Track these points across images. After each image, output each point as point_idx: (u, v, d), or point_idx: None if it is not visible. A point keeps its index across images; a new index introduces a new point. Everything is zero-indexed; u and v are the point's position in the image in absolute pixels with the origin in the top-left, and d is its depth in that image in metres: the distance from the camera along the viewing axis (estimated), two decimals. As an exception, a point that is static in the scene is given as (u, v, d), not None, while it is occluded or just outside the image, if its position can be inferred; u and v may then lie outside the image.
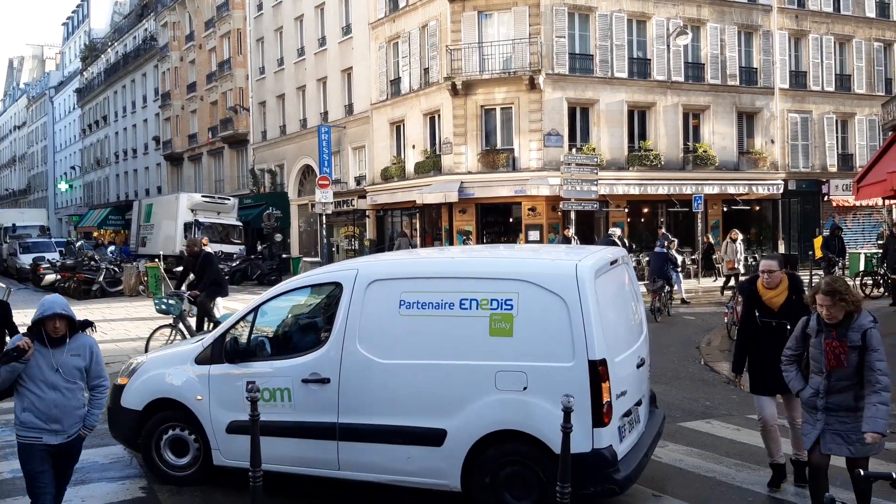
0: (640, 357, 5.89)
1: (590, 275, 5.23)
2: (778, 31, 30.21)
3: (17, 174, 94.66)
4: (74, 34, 77.61)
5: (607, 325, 5.28)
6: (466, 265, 5.97)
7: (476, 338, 5.23)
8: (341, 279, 5.88)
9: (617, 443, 5.18)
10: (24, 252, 33.86)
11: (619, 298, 5.95)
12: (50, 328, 4.81)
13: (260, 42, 40.36)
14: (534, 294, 5.22)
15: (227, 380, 6.07)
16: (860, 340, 4.82)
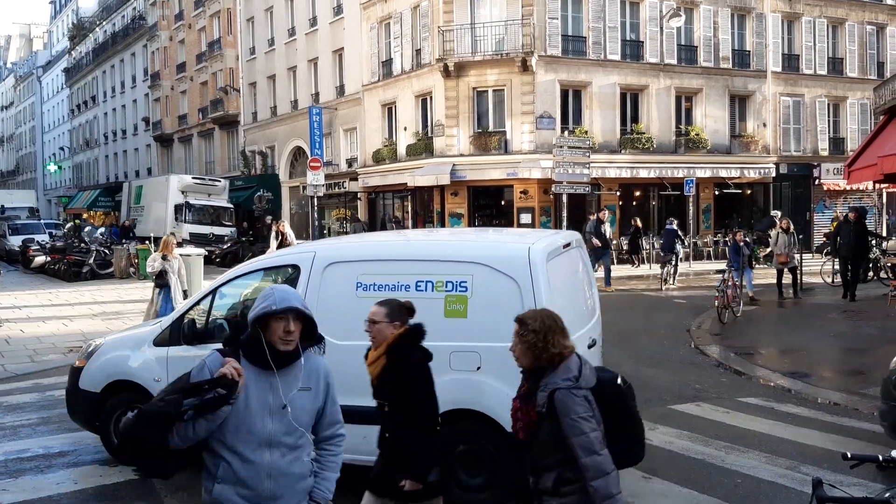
0: (592, 338, 6.02)
1: (542, 257, 5.36)
2: (771, 14, 30.13)
3: (5, 155, 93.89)
4: (62, 13, 76.73)
5: (558, 306, 5.25)
6: (423, 248, 6.11)
7: (431, 319, 5.17)
8: (299, 261, 5.96)
9: None
10: (14, 234, 33.67)
11: (571, 281, 6.11)
12: (279, 335, 3.01)
13: (250, 22, 39.98)
14: (488, 276, 5.34)
15: (186, 361, 6.03)
16: (545, 405, 3.39)
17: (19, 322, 14.24)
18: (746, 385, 9.43)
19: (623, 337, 12.35)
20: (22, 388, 9.20)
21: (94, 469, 6.41)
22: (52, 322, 14.30)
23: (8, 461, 6.51)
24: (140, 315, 14.80)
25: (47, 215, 61.49)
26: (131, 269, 23.45)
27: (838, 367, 10.64)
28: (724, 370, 10.29)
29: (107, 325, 13.68)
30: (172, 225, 30.25)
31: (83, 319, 14.62)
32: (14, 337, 12.71)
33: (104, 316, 15.07)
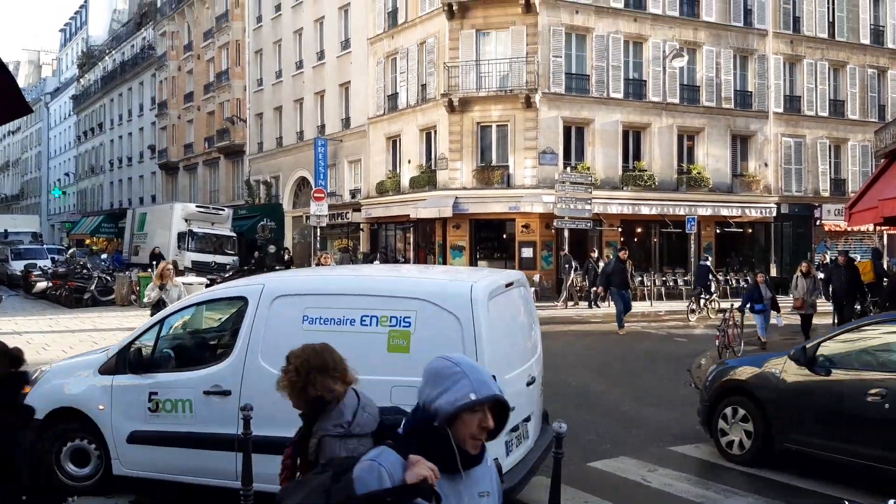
0: (531, 375, 6.11)
1: (483, 295, 5.47)
2: (773, 56, 30.49)
3: (10, 179, 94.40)
4: (72, 41, 77.68)
5: (498, 343, 5.56)
6: (369, 283, 6.22)
7: (375, 353, 5.41)
8: (247, 294, 6.04)
9: (503, 456, 5.35)
10: (16, 258, 33.75)
11: (513, 319, 6.22)
12: (471, 431, 2.38)
13: (258, 54, 40.49)
14: (431, 312, 5.44)
15: (130, 390, 6.19)
16: (315, 453, 3.03)
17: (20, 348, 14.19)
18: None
19: (623, 375, 12.34)
20: (20, 415, 9.15)
21: (91, 500, 6.38)
22: (54, 348, 14.29)
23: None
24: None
25: (50, 240, 61.63)
26: (132, 297, 23.46)
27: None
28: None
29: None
30: (175, 253, 30.31)
31: (84, 346, 14.60)
32: (14, 363, 12.66)
33: (105, 343, 15.04)
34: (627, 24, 27.75)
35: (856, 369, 6.97)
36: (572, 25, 26.88)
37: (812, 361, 7.14)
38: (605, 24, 27.34)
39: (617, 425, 8.97)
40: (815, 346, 7.33)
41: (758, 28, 30.15)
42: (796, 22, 31.19)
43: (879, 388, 6.43)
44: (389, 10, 30.56)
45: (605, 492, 6.64)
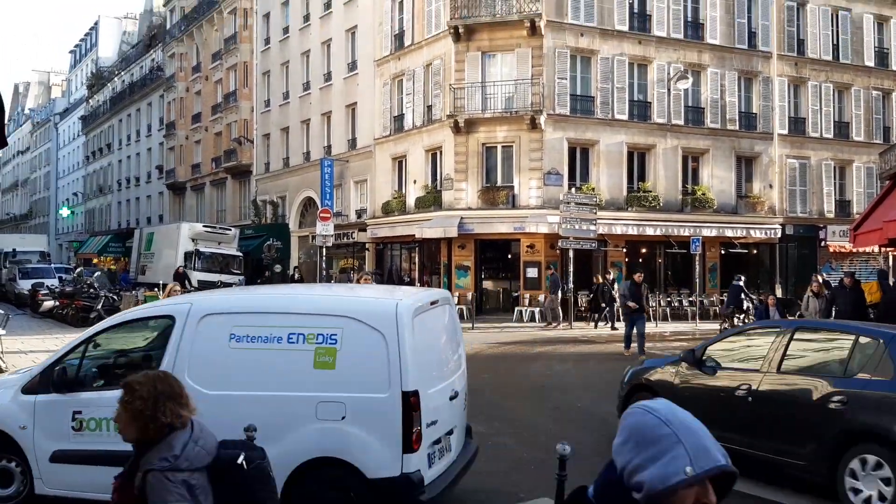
0: (455, 390, 6.27)
1: (408, 312, 5.63)
2: (777, 78, 30.65)
3: (19, 199, 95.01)
4: (82, 62, 78.49)
5: (422, 359, 5.70)
6: (297, 301, 6.35)
7: (301, 370, 5.53)
8: (174, 312, 6.08)
9: (426, 468, 5.54)
10: (24, 277, 33.86)
11: (437, 336, 6.40)
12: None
13: (266, 75, 40.87)
14: (357, 329, 5.58)
15: (53, 409, 6.15)
16: (140, 488, 2.89)
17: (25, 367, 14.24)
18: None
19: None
20: (27, 434, 9.18)
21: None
22: (59, 368, 14.32)
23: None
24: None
25: (58, 260, 61.90)
26: (139, 316, 23.53)
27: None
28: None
29: (113, 372, 13.71)
30: (181, 272, 30.43)
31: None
32: (20, 382, 12.71)
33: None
34: (632, 46, 27.96)
35: (732, 369, 7.97)
36: (577, 48, 27.10)
37: (700, 363, 8.11)
38: (610, 46, 27.56)
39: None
40: (703, 350, 8.29)
41: (762, 50, 30.34)
42: (800, 44, 31.39)
43: (746, 384, 7.46)
44: (396, 33, 30.87)
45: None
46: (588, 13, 27.26)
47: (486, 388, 12.45)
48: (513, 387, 12.82)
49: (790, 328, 7.92)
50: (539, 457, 8.23)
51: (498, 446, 8.76)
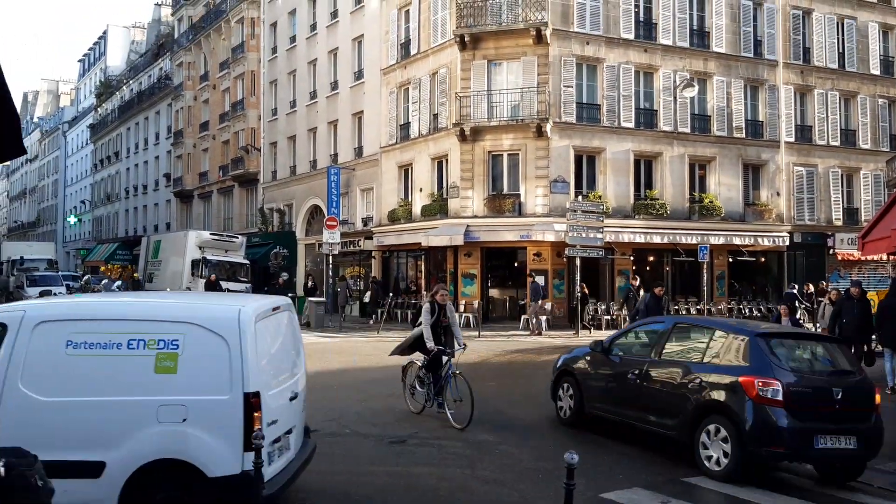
0: (294, 392, 6.59)
1: (250, 318, 5.87)
2: (784, 86, 30.64)
3: (28, 207, 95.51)
4: (90, 71, 78.98)
5: (263, 362, 5.99)
6: (138, 308, 6.50)
7: (141, 375, 5.66)
8: (6, 320, 6.05)
9: (266, 465, 5.71)
10: (31, 285, 34.06)
11: (278, 340, 6.66)
12: None
13: (273, 84, 41.05)
14: (199, 335, 5.76)
15: None
16: None
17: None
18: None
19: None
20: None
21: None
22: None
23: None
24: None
25: (65, 267, 62.17)
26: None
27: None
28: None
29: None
30: (189, 280, 30.52)
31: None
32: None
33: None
34: (638, 54, 28.00)
35: (630, 357, 9.56)
36: (583, 56, 27.14)
37: (608, 352, 9.86)
38: (616, 54, 27.60)
39: (631, 456, 8.94)
40: (611, 342, 10.01)
41: (768, 59, 30.34)
42: (806, 52, 31.39)
43: (635, 369, 9.16)
44: (402, 42, 30.98)
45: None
46: (594, 21, 27.32)
47: (491, 397, 12.43)
48: (519, 395, 12.80)
49: (671, 323, 9.68)
50: (546, 466, 8.21)
51: (505, 455, 8.75)
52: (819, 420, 7.75)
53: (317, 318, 25.93)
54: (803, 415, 7.69)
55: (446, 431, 9.86)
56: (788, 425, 7.59)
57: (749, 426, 7.67)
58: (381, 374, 14.68)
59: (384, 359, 17.26)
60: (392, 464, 8.32)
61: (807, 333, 11.06)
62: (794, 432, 7.60)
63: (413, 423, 10.33)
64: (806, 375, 8.10)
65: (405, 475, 7.86)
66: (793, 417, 7.63)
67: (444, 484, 7.57)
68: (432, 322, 10.46)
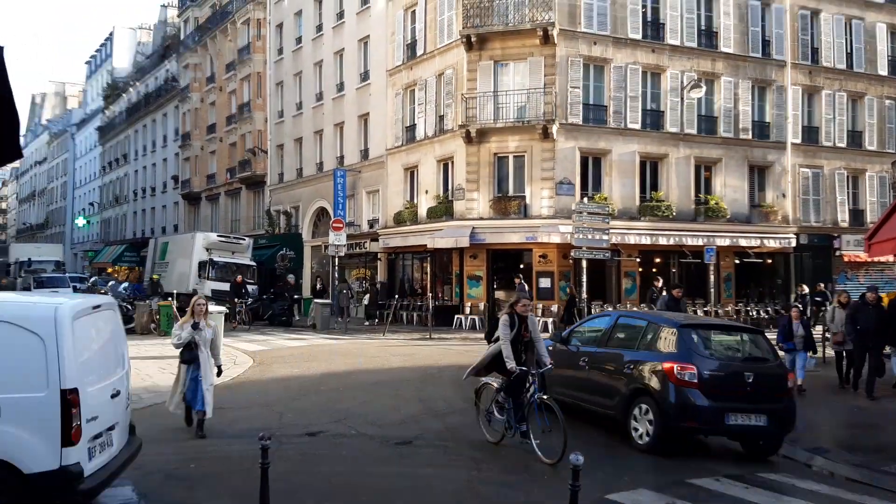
0: (116, 389, 6.65)
1: (67, 316, 5.92)
2: (791, 87, 30.55)
3: (36, 209, 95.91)
4: (97, 73, 79.29)
5: (82, 359, 6.06)
6: None
7: None
8: None
9: (86, 461, 5.85)
10: (39, 287, 34.10)
11: (99, 338, 6.72)
12: None
13: (279, 86, 41.13)
14: (13, 333, 5.78)
15: None
16: None
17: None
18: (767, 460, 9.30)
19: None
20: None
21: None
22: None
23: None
24: (160, 373, 14.92)
25: (73, 269, 62.40)
26: (152, 325, 23.68)
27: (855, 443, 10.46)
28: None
29: (127, 381, 13.77)
30: (196, 282, 30.61)
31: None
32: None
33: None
34: (645, 55, 27.95)
35: (583, 346, 10.89)
36: (590, 56, 27.11)
37: (567, 342, 11.16)
38: (623, 55, 27.56)
39: (637, 457, 8.92)
40: (570, 332, 11.48)
41: (776, 59, 30.26)
42: (814, 53, 31.30)
43: (585, 357, 10.58)
44: (408, 43, 31.01)
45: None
46: (601, 22, 27.28)
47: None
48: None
49: (615, 317, 11.16)
50: (552, 467, 8.20)
51: (510, 456, 8.75)
52: (731, 400, 8.91)
53: (322, 320, 25.96)
54: (716, 395, 8.85)
55: (452, 433, 9.86)
56: (702, 404, 8.80)
57: (669, 405, 8.91)
58: (387, 376, 14.71)
59: (390, 361, 17.32)
60: (398, 465, 8.32)
61: (729, 325, 11.93)
62: (708, 410, 8.80)
63: (419, 425, 10.33)
64: (721, 361, 9.30)
65: (411, 476, 7.87)
66: (707, 397, 8.81)
67: (450, 485, 7.57)
68: (512, 337, 8.91)
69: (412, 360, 17.59)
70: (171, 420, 10.62)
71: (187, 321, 9.84)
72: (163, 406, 11.75)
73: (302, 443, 9.21)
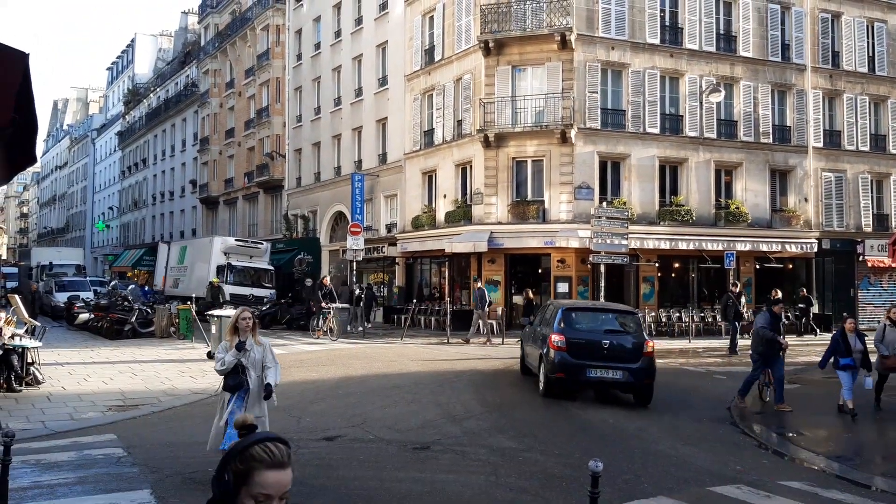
0: None
1: None
2: (812, 91, 30.25)
3: (57, 213, 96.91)
4: (118, 79, 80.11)
5: None
6: None
7: None
8: None
9: None
10: (60, 290, 34.43)
11: None
12: None
13: (298, 91, 41.31)
14: None
15: None
16: None
17: (61, 379, 14.48)
18: (789, 468, 9.17)
19: (661, 413, 12.15)
20: (60, 445, 9.31)
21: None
22: (93, 380, 14.52)
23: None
24: (180, 376, 14.97)
25: (93, 273, 62.94)
26: (172, 329, 23.80)
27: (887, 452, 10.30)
28: (765, 451, 10.03)
29: (146, 385, 13.86)
30: (214, 286, 30.70)
31: (123, 377, 14.85)
32: (55, 394, 12.91)
33: (143, 374, 15.28)
34: (664, 59, 27.80)
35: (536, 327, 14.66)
36: (608, 61, 27.00)
37: (532, 324, 15.33)
38: (642, 59, 27.42)
39: (655, 464, 8.81)
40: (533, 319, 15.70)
41: (796, 63, 29.98)
42: (835, 56, 30.98)
43: (533, 333, 14.42)
44: (426, 48, 31.04)
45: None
46: (619, 26, 27.17)
47: (515, 404, 12.36)
48: (542, 402, 12.70)
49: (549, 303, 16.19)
50: (570, 473, 8.12)
51: (529, 462, 8.67)
52: (591, 359, 12.46)
53: (340, 324, 25.94)
54: (580, 355, 12.46)
55: (470, 438, 9.80)
56: (568, 361, 12.46)
57: (549, 361, 12.68)
58: (405, 381, 14.66)
59: (407, 365, 17.27)
60: (415, 470, 8.27)
61: (604, 307, 14.84)
62: (572, 366, 12.44)
63: (437, 430, 10.27)
64: (585, 332, 12.94)
65: (428, 481, 7.81)
66: (572, 357, 12.44)
67: (468, 491, 7.51)
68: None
69: (430, 364, 17.54)
70: (188, 423, 10.64)
71: (230, 339, 7.69)
72: (181, 409, 11.81)
73: (320, 447, 9.18)
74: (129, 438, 9.52)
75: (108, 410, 11.49)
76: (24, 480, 7.48)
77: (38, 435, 9.84)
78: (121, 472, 7.90)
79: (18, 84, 2.71)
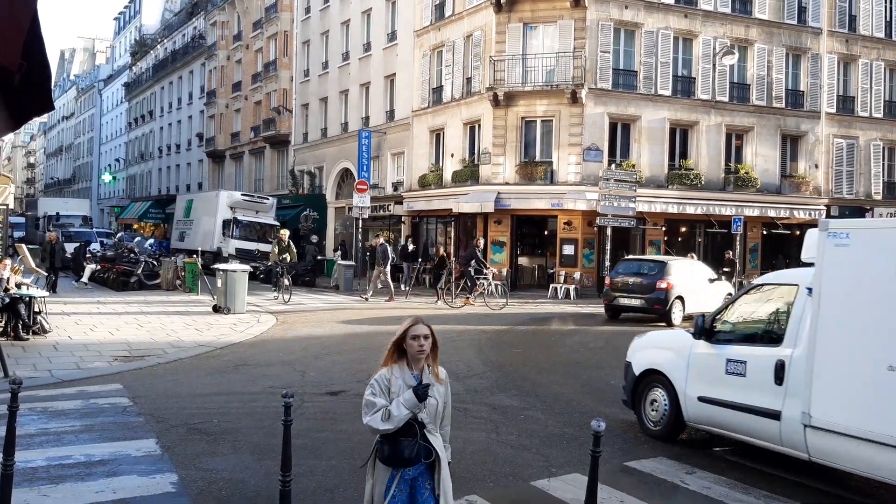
0: None
1: None
2: (827, 55, 29.80)
3: (63, 164, 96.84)
4: (125, 29, 79.33)
5: None
6: None
7: None
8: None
9: None
10: (67, 241, 34.49)
11: None
12: None
13: (306, 45, 40.85)
14: None
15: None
16: None
17: (68, 328, 14.58)
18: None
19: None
20: (67, 394, 9.40)
21: (133, 479, 6.52)
22: (100, 330, 14.62)
23: (50, 467, 6.64)
24: (185, 328, 15.05)
25: (100, 224, 63.08)
26: (178, 282, 23.90)
27: None
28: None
29: (151, 337, 13.95)
30: (220, 240, 30.79)
31: (129, 328, 14.96)
32: (62, 343, 13.01)
33: (149, 325, 15.39)
34: (678, 20, 27.35)
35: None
36: (621, 21, 26.58)
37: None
38: (655, 19, 27.00)
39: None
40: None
41: (812, 26, 29.49)
42: (852, 21, 30.45)
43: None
44: (437, 3, 30.57)
45: (640, 492, 6.57)
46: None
47: (517, 364, 12.43)
48: (545, 362, 12.77)
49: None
50: (571, 433, 8.18)
51: (530, 420, 8.73)
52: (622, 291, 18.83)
53: (346, 282, 26.04)
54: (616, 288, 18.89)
55: (472, 396, 9.87)
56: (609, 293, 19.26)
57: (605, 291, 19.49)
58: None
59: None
60: (418, 426, 8.31)
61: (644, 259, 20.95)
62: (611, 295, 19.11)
63: (439, 387, 10.32)
64: (622, 275, 19.12)
65: (430, 438, 7.86)
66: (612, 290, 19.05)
67: (469, 447, 7.58)
68: None
69: (433, 322, 17.58)
70: (193, 375, 10.74)
71: (389, 369, 4.17)
72: (186, 361, 11.91)
73: (324, 401, 9.26)
74: (134, 388, 9.62)
75: (114, 360, 11.58)
76: (31, 427, 7.56)
77: (45, 383, 9.94)
78: (127, 421, 7.99)
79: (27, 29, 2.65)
